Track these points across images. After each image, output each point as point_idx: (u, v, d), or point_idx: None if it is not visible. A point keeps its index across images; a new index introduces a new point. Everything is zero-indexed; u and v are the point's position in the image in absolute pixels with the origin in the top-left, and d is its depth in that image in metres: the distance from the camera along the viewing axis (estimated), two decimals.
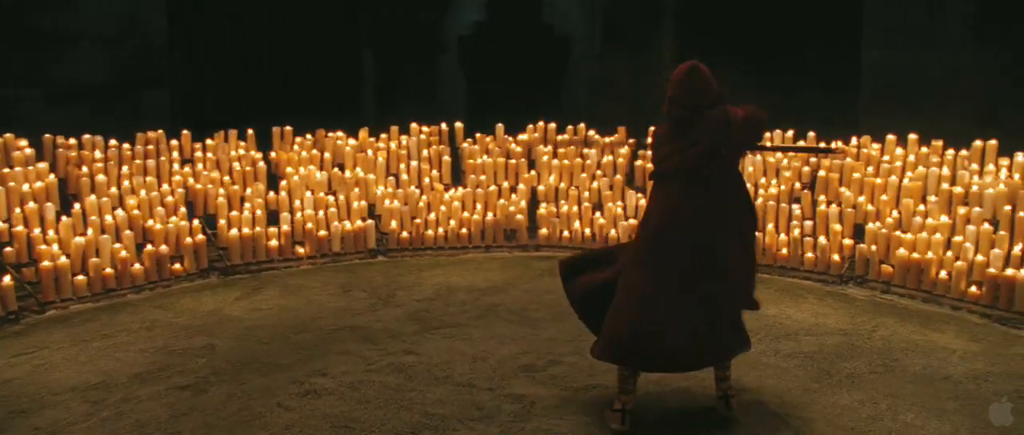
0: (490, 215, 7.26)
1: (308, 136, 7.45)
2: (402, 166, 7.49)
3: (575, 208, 7.32)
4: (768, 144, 6.44)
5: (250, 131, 7.20)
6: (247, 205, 6.67)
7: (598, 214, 7.25)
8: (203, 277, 6.32)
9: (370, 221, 6.97)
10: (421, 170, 7.50)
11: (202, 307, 5.71)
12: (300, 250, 6.67)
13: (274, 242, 6.56)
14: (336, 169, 7.26)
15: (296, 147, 7.35)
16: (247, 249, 6.45)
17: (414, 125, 7.78)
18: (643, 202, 7.21)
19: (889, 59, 8.33)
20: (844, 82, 8.48)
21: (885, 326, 5.30)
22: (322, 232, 6.75)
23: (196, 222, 6.40)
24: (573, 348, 4.86)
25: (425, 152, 7.66)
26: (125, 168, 6.47)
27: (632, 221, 7.07)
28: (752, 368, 4.57)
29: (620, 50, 10.03)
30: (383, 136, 7.72)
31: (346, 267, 6.65)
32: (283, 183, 6.97)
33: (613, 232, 7.08)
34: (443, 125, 7.88)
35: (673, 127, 3.83)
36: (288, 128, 7.36)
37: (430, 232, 7.06)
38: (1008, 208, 5.80)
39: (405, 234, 7.02)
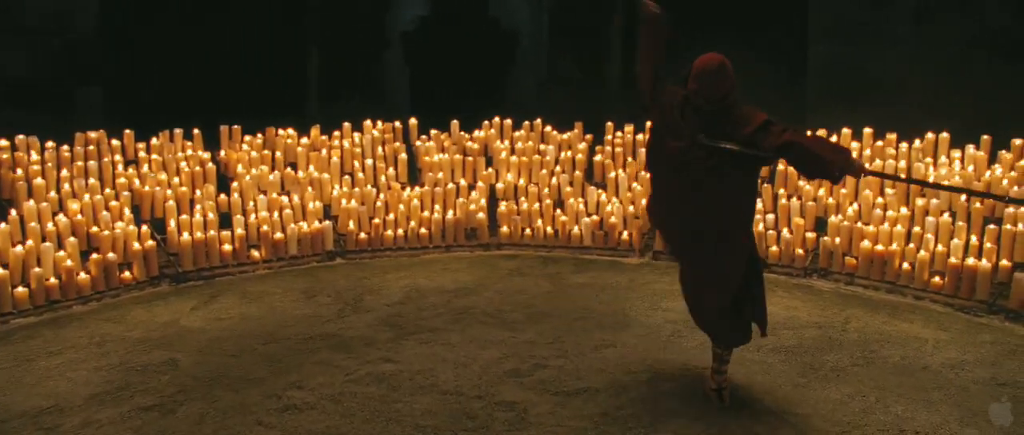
0: (450, 214, 7.08)
1: (258, 135, 7.13)
2: (357, 164, 7.25)
3: (536, 205, 7.22)
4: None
5: (196, 130, 6.85)
6: (198, 208, 6.33)
7: (559, 211, 7.16)
8: (154, 285, 5.97)
9: (327, 222, 6.71)
10: (377, 168, 7.28)
11: (156, 318, 5.38)
12: (255, 254, 6.37)
13: (228, 246, 6.24)
14: (289, 169, 6.97)
15: (245, 146, 7.03)
16: (199, 254, 6.12)
17: (367, 122, 7.55)
18: (603, 198, 7.17)
19: (835, 53, 8.49)
20: (791, 76, 8.62)
21: (856, 318, 5.36)
22: (278, 234, 6.46)
23: (145, 227, 6.04)
24: (556, 351, 4.75)
25: (380, 150, 7.44)
26: (65, 171, 6.05)
27: (594, 217, 7.01)
28: (738, 364, 4.53)
29: (567, 42, 9.97)
30: (336, 134, 7.46)
31: (305, 271, 6.39)
32: (234, 184, 6.65)
33: (576, 229, 7.00)
34: (397, 122, 7.68)
35: (692, 114, 3.80)
36: (236, 127, 7.03)
37: (389, 232, 6.84)
38: (964, 199, 5.95)
39: (364, 235, 6.79)
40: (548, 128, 7.85)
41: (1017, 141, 6.21)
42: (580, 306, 5.54)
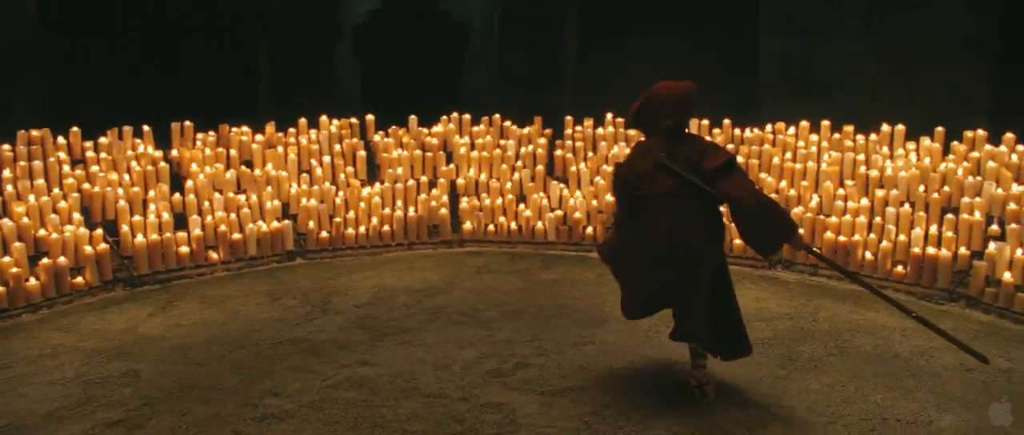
0: (412, 211, 6.95)
1: (210, 133, 6.88)
2: (314, 162, 7.06)
3: (499, 201, 7.14)
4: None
5: (146, 128, 6.57)
6: (151, 208, 6.07)
7: (522, 206, 7.09)
8: (107, 290, 5.70)
9: (287, 222, 6.52)
10: (335, 166, 7.10)
11: (111, 326, 5.13)
12: (214, 255, 6.14)
13: (185, 248, 6.00)
14: (245, 167, 6.74)
15: (198, 144, 6.77)
16: (155, 257, 5.86)
17: (324, 118, 7.36)
18: (566, 192, 7.13)
19: (787, 48, 8.63)
20: (744, 70, 8.73)
21: (825, 308, 5.44)
22: (237, 235, 6.24)
23: (97, 230, 5.75)
24: (535, 349, 4.69)
25: (338, 147, 7.26)
26: (7, 171, 5.72)
27: (558, 213, 6.96)
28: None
29: (520, 38, 9.90)
30: (291, 130, 7.25)
31: (266, 272, 6.18)
32: (188, 183, 6.40)
33: (540, 224, 6.95)
34: (354, 119, 7.51)
35: (661, 141, 3.85)
36: (188, 123, 6.77)
37: (351, 231, 6.68)
38: (922, 189, 6.10)
39: (325, 234, 6.61)
40: (507, 123, 7.78)
41: (969, 133, 6.40)
42: (554, 303, 5.49)
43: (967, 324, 5.18)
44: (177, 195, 6.26)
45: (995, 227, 5.73)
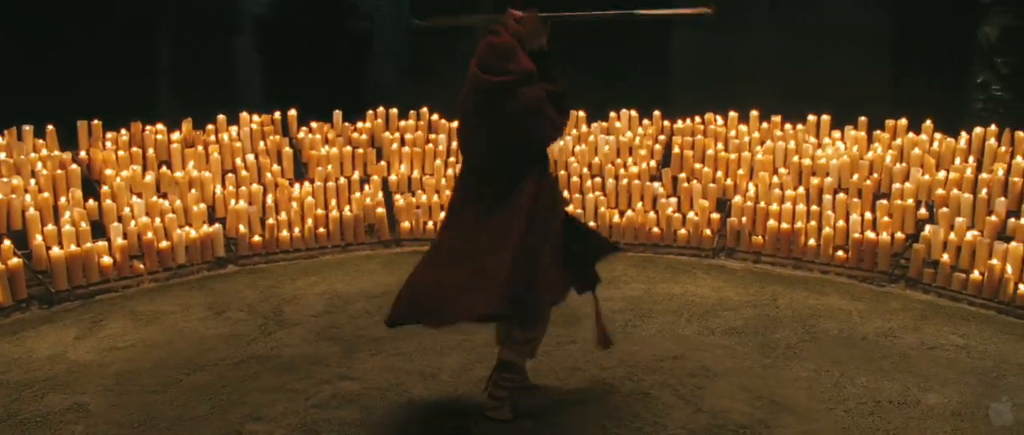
0: (347, 210, 6.60)
1: (123, 131, 6.26)
2: (239, 161, 6.57)
3: (435, 198, 6.90)
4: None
5: (50, 127, 5.89)
6: (65, 216, 5.44)
7: None
8: (21, 311, 5.06)
9: (217, 226, 6.02)
10: (261, 164, 6.63)
11: (34, 354, 4.55)
12: (139, 266, 5.58)
13: (107, 259, 5.41)
14: (165, 168, 6.18)
15: (109, 145, 6.14)
16: (75, 270, 5.26)
17: (244, 114, 6.86)
18: None
19: (696, 40, 8.82)
20: (655, 63, 8.86)
21: (781, 294, 5.57)
22: (164, 243, 5.70)
23: (5, 242, 5.09)
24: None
25: (262, 144, 6.79)
26: None
27: None
28: (698, 349, 4.58)
29: (430, 29, 9.62)
30: (210, 127, 6.71)
31: (198, 283, 5.69)
32: (103, 188, 5.79)
33: None
34: (276, 114, 7.05)
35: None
36: (96, 122, 6.13)
37: (285, 234, 6.26)
38: (855, 177, 6.37)
39: (257, 238, 6.16)
40: (435, 117, 7.55)
41: (891, 121, 6.73)
42: None
43: (913, 304, 5.44)
44: (92, 201, 5.65)
45: (924, 211, 6.05)
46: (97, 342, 4.70)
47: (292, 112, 7.13)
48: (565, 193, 6.82)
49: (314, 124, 7.12)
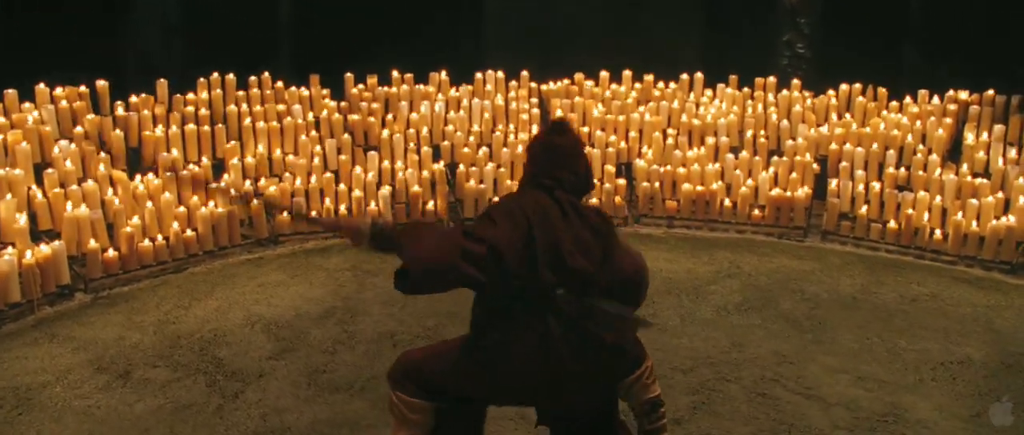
0: (212, 206, 5.15)
1: None
2: (56, 151, 4.79)
3: (313, 181, 5.70)
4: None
5: None
6: None
7: (342, 186, 5.76)
8: None
9: (57, 243, 4.30)
10: (85, 154, 4.91)
11: None
12: None
13: None
14: None
15: None
16: None
17: (42, 86, 5.03)
18: (397, 164, 5.98)
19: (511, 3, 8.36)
20: (469, 26, 8.27)
21: (728, 260, 5.41)
22: None
23: None
24: None
25: (79, 128, 5.02)
26: None
27: (388, 188, 5.81)
28: (715, 329, 4.31)
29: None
30: None
31: (51, 326, 4.00)
32: None
33: (373, 205, 5.71)
34: (82, 86, 5.28)
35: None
36: None
37: (148, 243, 4.70)
38: (750, 134, 6.44)
39: (112, 252, 4.54)
40: (279, 83, 6.25)
41: (760, 79, 6.90)
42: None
43: (831, 256, 5.60)
44: None
45: (816, 165, 6.30)
46: None
47: (101, 82, 5.39)
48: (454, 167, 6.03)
49: (135, 97, 5.47)
